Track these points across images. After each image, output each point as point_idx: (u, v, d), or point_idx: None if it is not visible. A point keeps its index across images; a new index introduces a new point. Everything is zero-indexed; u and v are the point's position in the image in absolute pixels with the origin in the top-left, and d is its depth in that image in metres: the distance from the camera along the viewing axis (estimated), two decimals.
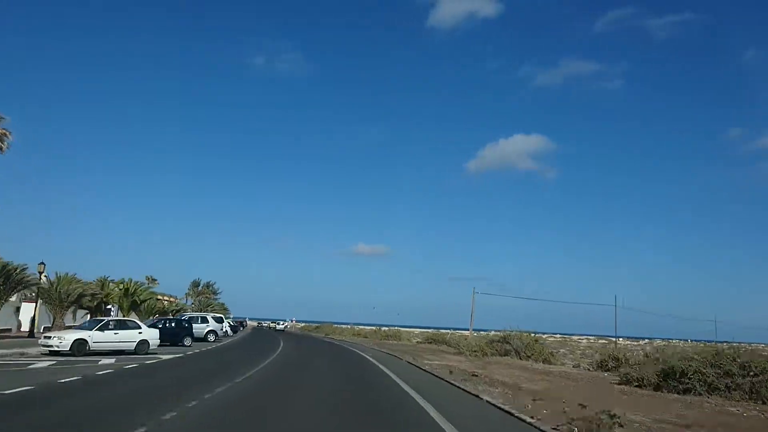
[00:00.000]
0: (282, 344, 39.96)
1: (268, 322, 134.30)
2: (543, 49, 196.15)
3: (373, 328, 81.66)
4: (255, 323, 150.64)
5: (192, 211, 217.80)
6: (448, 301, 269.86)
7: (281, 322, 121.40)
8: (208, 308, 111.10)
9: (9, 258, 33.62)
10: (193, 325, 39.72)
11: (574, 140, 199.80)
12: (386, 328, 75.54)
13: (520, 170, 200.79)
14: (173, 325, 34.21)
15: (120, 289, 48.39)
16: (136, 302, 49.95)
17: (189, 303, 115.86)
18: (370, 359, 25.42)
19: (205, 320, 40.74)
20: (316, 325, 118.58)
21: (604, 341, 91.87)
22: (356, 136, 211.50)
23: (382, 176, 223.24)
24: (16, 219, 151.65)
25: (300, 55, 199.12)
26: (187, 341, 33.12)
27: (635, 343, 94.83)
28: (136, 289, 50.51)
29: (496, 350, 28.88)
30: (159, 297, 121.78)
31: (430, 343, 45.11)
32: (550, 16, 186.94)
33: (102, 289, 43.11)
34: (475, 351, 29.38)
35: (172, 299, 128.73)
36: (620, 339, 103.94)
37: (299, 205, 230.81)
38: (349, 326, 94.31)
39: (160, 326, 33.83)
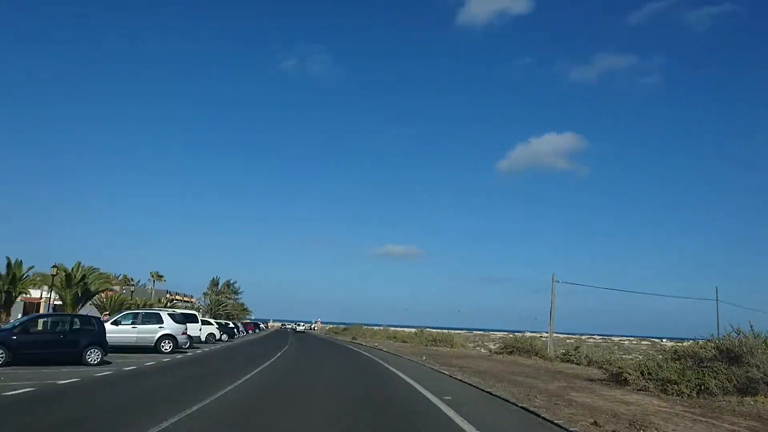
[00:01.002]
0: (276, 357, 24.65)
1: (292, 324, 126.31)
2: (576, 44, 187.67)
3: (413, 330, 65.74)
4: (279, 325, 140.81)
5: (220, 213, 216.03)
6: (481, 301, 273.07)
7: (300, 324, 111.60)
8: (219, 308, 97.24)
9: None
10: (137, 326, 24.68)
11: (608, 138, 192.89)
12: (432, 330, 59.47)
13: (553, 169, 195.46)
14: (66, 327, 18.77)
15: (56, 275, 33.70)
16: (78, 294, 35.20)
17: (206, 303, 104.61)
18: None
19: (156, 319, 25.38)
20: (344, 326, 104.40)
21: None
22: (386, 137, 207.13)
23: (413, 177, 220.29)
24: (31, 219, 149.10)
25: (330, 57, 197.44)
26: (93, 355, 17.91)
27: None
28: (84, 276, 35.74)
29: (729, 381, 12.68)
30: (170, 295, 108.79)
31: (512, 352, 29.02)
32: (583, 11, 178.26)
33: (7, 272, 28.22)
34: (672, 382, 13.23)
35: (186, 298, 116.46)
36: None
37: (329, 206, 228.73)
38: (381, 328, 78.53)
39: (39, 328, 18.70)
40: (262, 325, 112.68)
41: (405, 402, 11.49)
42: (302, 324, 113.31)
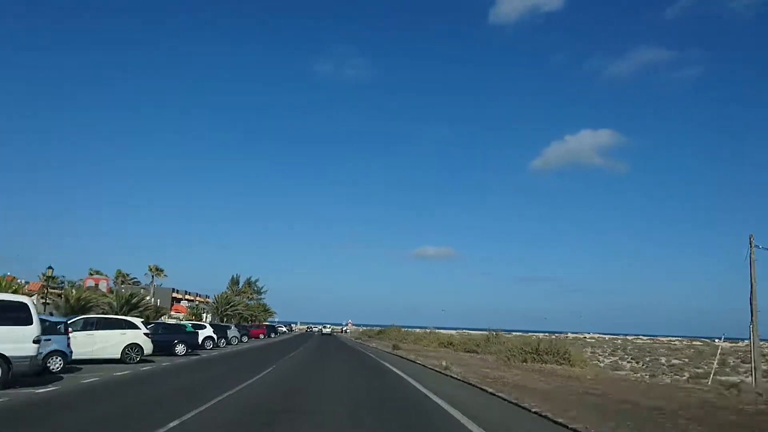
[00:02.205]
0: None
1: (319, 326, 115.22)
2: (612, 38, 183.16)
3: (482, 332, 46.74)
4: (305, 328, 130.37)
5: (252, 215, 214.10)
6: (517, 302, 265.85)
7: (327, 326, 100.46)
8: (228, 308, 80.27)
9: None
10: None
11: (646, 133, 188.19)
12: (508, 335, 40.54)
13: (589, 166, 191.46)
14: None
15: None
16: None
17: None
18: None
19: None
20: (379, 329, 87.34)
21: None
22: (420, 138, 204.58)
23: (447, 177, 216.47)
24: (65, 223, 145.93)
25: (363, 60, 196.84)
26: None
27: None
28: None
29: None
30: (177, 293, 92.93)
31: None
32: (618, 4, 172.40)
33: None
34: None
35: (200, 298, 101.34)
36: None
37: (362, 208, 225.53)
38: (427, 330, 59.66)
39: None
40: (283, 328, 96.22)
41: None
42: (329, 326, 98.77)
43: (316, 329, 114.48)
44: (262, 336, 62.23)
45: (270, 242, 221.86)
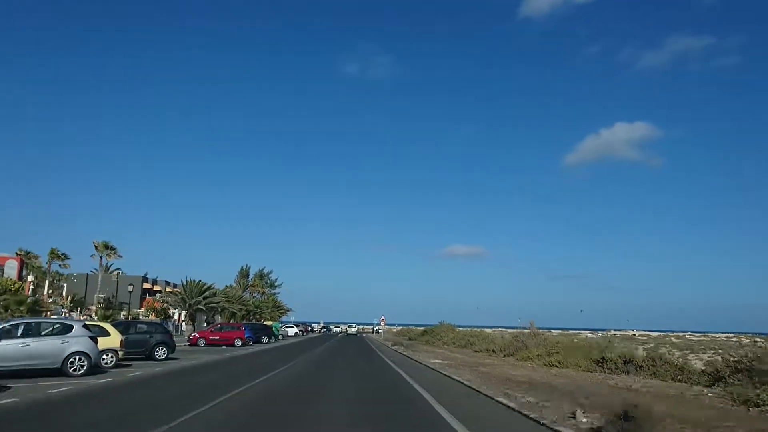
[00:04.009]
0: None
1: (343, 326, 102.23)
2: (647, 27, 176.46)
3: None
4: (321, 328, 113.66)
5: (282, 216, 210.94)
6: (551, 298, 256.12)
7: (352, 326, 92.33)
8: (203, 301, 55.42)
9: None
10: None
11: (683, 125, 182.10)
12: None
13: (624, 160, 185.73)
14: None
15: None
16: None
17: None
18: None
19: None
20: (423, 328, 63.83)
21: None
22: (451, 136, 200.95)
23: (477, 175, 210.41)
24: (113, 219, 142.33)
25: (390, 58, 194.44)
26: None
27: None
28: None
29: None
30: (151, 284, 70.49)
31: None
32: None
33: None
34: None
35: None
36: None
37: (392, 208, 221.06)
38: (523, 331, 34.69)
39: None
40: (293, 330, 74.06)
41: None
42: (354, 326, 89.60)
43: (339, 329, 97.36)
44: (239, 342, 37.96)
45: (296, 242, 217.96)
